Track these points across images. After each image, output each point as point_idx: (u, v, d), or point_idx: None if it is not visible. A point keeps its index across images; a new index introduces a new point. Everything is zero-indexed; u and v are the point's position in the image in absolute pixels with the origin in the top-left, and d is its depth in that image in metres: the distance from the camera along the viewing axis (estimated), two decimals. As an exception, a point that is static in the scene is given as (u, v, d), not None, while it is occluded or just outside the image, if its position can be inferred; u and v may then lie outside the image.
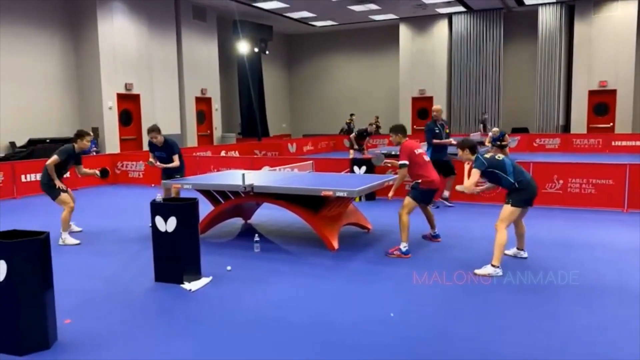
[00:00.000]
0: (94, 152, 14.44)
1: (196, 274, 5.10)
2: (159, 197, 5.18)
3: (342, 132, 22.48)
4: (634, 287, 4.79)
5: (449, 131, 9.37)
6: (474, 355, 3.55)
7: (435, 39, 22.76)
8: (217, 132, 20.65)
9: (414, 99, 23.47)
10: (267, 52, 22.27)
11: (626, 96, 20.08)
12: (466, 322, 4.10)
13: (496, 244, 5.18)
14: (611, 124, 20.48)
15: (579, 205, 8.68)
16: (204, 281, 5.06)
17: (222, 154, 15.68)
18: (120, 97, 16.09)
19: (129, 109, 16.64)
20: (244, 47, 20.75)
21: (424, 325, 4.05)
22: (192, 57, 18.90)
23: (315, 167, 9.72)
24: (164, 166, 7.60)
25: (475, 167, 5.37)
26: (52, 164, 6.78)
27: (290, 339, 3.82)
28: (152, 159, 7.75)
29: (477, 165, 5.37)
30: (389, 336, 3.85)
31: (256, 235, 6.42)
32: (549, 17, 20.77)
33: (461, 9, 21.38)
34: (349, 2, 19.37)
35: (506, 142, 12.85)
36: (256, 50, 21.31)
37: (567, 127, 21.38)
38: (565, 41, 20.90)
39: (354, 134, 12.24)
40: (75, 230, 7.31)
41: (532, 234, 6.34)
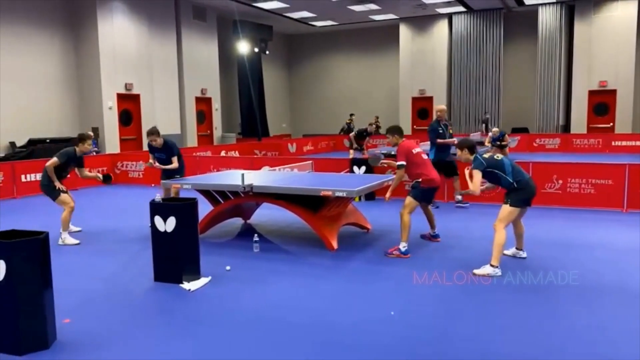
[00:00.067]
0: (94, 153, 14.43)
1: (195, 274, 5.10)
2: (158, 197, 5.18)
3: (342, 132, 22.49)
4: (633, 287, 4.79)
5: (452, 131, 9.35)
6: (474, 355, 3.55)
7: (435, 39, 22.77)
8: (217, 132, 20.65)
9: (414, 99, 23.48)
10: (267, 52, 22.27)
11: (626, 96, 20.09)
12: (466, 322, 4.11)
13: (495, 244, 5.18)
14: (611, 124, 20.48)
15: (579, 205, 8.68)
16: (203, 281, 5.06)
17: (222, 154, 15.67)
18: (120, 97, 16.10)
19: (129, 109, 16.64)
20: (244, 47, 20.76)
21: (424, 325, 4.06)
22: (192, 57, 18.91)
23: (315, 167, 9.73)
24: (163, 167, 7.61)
25: (474, 168, 5.37)
26: (52, 166, 6.80)
27: (289, 339, 3.82)
28: (152, 160, 7.76)
29: (476, 165, 5.37)
30: (389, 336, 3.85)
31: (255, 235, 6.42)
32: (549, 17, 20.77)
33: (461, 9, 21.38)
34: (349, 2, 19.37)
35: (506, 142, 12.86)
36: (256, 50, 21.32)
37: (567, 127, 21.38)
38: (565, 41, 20.90)
39: (353, 134, 12.23)
40: (74, 230, 7.32)
41: (532, 234, 6.34)
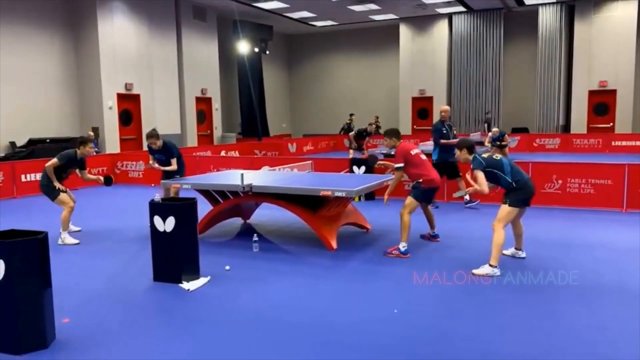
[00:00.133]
0: (94, 152, 14.43)
1: (194, 274, 5.10)
2: (157, 196, 5.18)
3: (342, 132, 22.51)
4: (633, 287, 4.79)
5: (456, 132, 9.31)
6: (474, 355, 3.55)
7: (435, 38, 22.76)
8: (217, 132, 20.65)
9: (414, 99, 23.48)
10: (267, 52, 22.27)
11: (626, 96, 20.08)
12: (466, 322, 4.10)
13: (494, 244, 5.19)
14: (611, 124, 20.47)
15: (578, 205, 8.68)
16: (202, 281, 5.07)
17: (222, 153, 15.67)
18: (120, 97, 16.10)
19: (129, 109, 16.65)
20: (244, 47, 20.76)
21: (424, 325, 4.06)
22: (192, 57, 18.91)
23: (314, 167, 9.73)
24: (163, 169, 7.61)
25: (474, 167, 5.36)
26: (51, 167, 6.82)
27: (289, 339, 3.82)
28: (152, 161, 7.78)
29: (475, 165, 5.37)
30: (389, 336, 3.85)
31: (255, 235, 6.42)
32: (549, 17, 20.77)
33: (461, 9, 21.38)
34: (349, 2, 19.37)
35: (506, 142, 12.85)
36: (256, 50, 21.32)
37: (567, 127, 21.37)
38: (565, 41, 20.90)
39: (353, 134, 12.22)
40: (74, 230, 7.33)
41: (532, 234, 6.35)
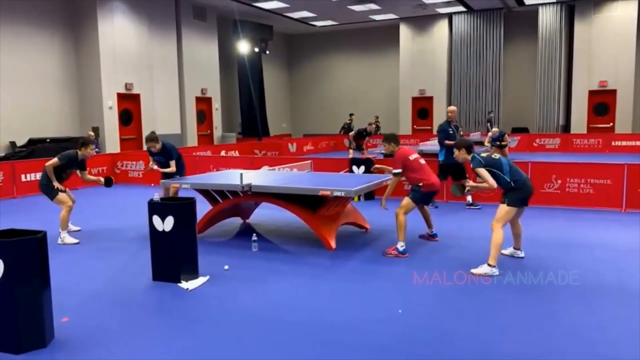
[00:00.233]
0: (95, 153, 14.44)
1: (193, 273, 5.11)
2: (156, 196, 5.19)
3: (342, 131, 22.53)
4: (633, 286, 4.80)
5: (462, 133, 9.29)
6: (474, 355, 3.55)
7: (435, 38, 22.76)
8: (218, 131, 20.66)
9: (414, 99, 23.48)
10: (268, 52, 22.26)
11: (626, 96, 20.07)
12: (466, 322, 4.11)
13: (492, 244, 5.20)
14: (611, 124, 20.47)
15: (578, 205, 8.69)
16: (201, 280, 5.07)
17: (222, 153, 15.68)
18: (120, 96, 16.11)
19: (129, 109, 16.66)
20: (244, 46, 20.77)
21: (424, 325, 4.06)
22: (192, 56, 18.91)
23: (314, 166, 9.73)
24: (162, 170, 7.62)
25: (474, 166, 5.37)
26: (51, 166, 6.83)
27: (288, 339, 3.83)
28: (152, 163, 7.80)
29: (475, 164, 5.38)
30: (388, 336, 3.85)
31: (254, 234, 6.43)
32: (549, 17, 20.76)
33: (461, 8, 21.38)
34: (349, 2, 19.37)
35: (506, 142, 12.84)
36: (256, 50, 21.32)
37: (567, 127, 21.37)
38: (565, 41, 20.89)
39: (352, 134, 12.23)
40: (73, 229, 7.34)
41: (531, 234, 6.36)
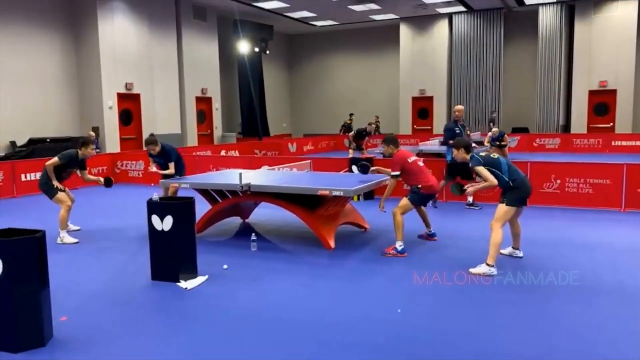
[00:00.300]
0: (95, 153, 14.45)
1: (192, 273, 5.12)
2: (155, 196, 5.20)
3: (342, 130, 22.54)
4: (633, 287, 4.80)
5: (469, 132, 9.27)
6: (474, 355, 3.55)
7: (435, 38, 22.77)
8: (218, 131, 20.67)
9: (414, 99, 23.48)
10: (268, 52, 22.28)
11: (626, 96, 20.07)
12: (466, 322, 4.11)
13: (491, 243, 5.20)
14: (611, 124, 20.47)
15: (577, 204, 8.70)
16: (199, 280, 5.08)
17: (222, 153, 15.69)
18: (120, 96, 16.13)
19: (129, 109, 16.67)
20: (244, 46, 20.78)
21: (423, 324, 4.06)
22: (193, 56, 18.92)
23: (314, 166, 9.74)
24: (162, 172, 7.63)
25: (474, 165, 5.37)
26: (52, 166, 6.85)
27: (287, 338, 3.84)
28: (151, 165, 7.82)
29: (474, 163, 5.38)
30: (387, 335, 3.85)
31: (253, 234, 6.44)
32: (549, 17, 20.76)
33: (461, 8, 21.38)
34: (349, 2, 19.38)
35: (505, 142, 12.81)
36: (257, 49, 21.33)
37: (567, 127, 21.37)
38: (565, 41, 20.89)
39: (352, 134, 12.24)
40: (73, 229, 7.35)
41: (531, 234, 6.37)
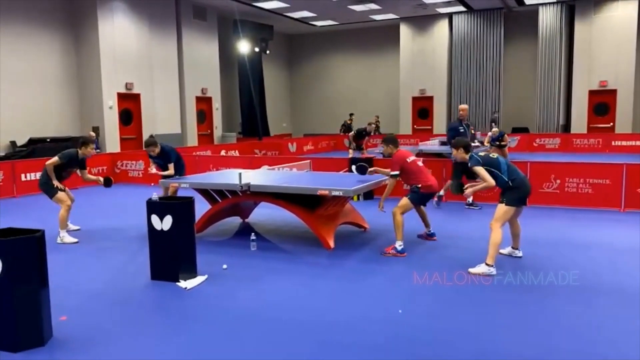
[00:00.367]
0: (95, 152, 14.45)
1: (192, 272, 5.13)
2: (155, 195, 5.21)
3: (342, 129, 22.54)
4: (633, 287, 4.80)
5: (474, 132, 9.27)
6: (474, 355, 3.56)
7: (435, 38, 22.77)
8: (218, 131, 20.67)
9: (415, 99, 23.48)
10: (268, 52, 22.27)
11: (626, 96, 20.07)
12: (466, 322, 4.11)
13: (491, 243, 5.20)
14: (611, 124, 20.46)
15: (576, 204, 8.70)
16: (199, 279, 5.09)
17: (222, 153, 15.69)
18: (120, 96, 16.14)
19: (130, 109, 16.68)
20: (244, 46, 20.78)
21: (423, 324, 4.06)
22: (193, 56, 18.93)
23: (313, 166, 9.74)
24: (161, 174, 7.64)
25: (472, 165, 5.37)
26: (52, 165, 6.85)
27: (286, 338, 3.84)
28: (151, 166, 7.83)
29: (473, 162, 5.38)
30: (387, 335, 3.85)
31: (252, 234, 6.44)
32: (549, 17, 20.76)
33: (461, 8, 21.37)
34: (349, 2, 19.38)
35: (505, 142, 12.82)
36: (257, 49, 21.33)
37: (567, 127, 21.37)
38: (565, 41, 20.88)
39: (352, 134, 12.25)
40: (73, 228, 7.36)
41: (530, 234, 6.37)
